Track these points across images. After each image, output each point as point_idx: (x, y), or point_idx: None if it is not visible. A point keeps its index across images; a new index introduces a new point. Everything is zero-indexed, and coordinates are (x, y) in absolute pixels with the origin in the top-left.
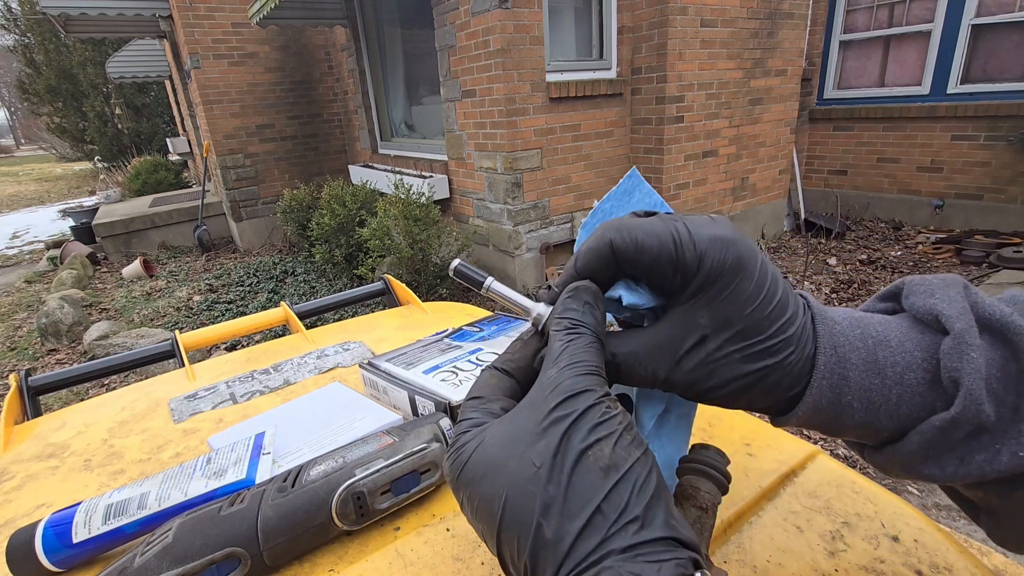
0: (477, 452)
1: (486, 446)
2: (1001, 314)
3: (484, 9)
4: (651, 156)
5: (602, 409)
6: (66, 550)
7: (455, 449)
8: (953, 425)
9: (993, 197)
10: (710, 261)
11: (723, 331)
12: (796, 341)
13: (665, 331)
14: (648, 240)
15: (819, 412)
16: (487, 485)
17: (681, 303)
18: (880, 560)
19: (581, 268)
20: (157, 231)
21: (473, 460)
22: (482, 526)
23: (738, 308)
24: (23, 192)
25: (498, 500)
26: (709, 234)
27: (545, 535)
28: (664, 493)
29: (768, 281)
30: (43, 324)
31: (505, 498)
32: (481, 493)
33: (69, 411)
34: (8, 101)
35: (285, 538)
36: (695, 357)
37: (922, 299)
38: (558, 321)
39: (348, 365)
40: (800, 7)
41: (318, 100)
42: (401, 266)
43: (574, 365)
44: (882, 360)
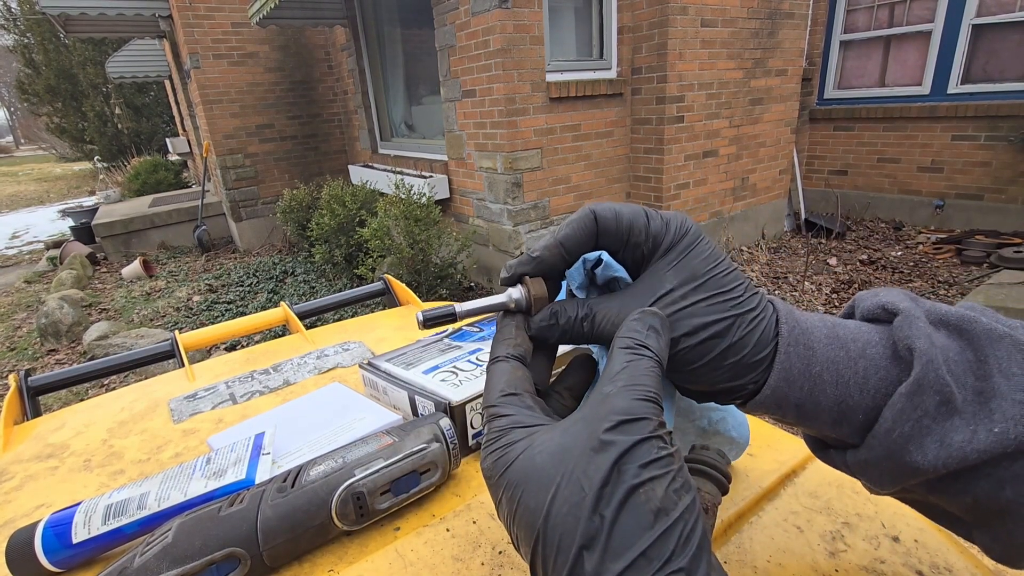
0: (525, 457)
1: (535, 453)
2: (954, 310)
3: (484, 9)
4: (651, 156)
5: (657, 445)
6: (66, 550)
7: (503, 445)
8: (919, 390)
9: (994, 197)
10: (674, 228)
11: (688, 284)
12: (757, 302)
13: (636, 288)
14: (624, 211)
15: (791, 384)
16: (532, 495)
17: (650, 266)
18: (880, 560)
19: (563, 237)
20: (157, 231)
21: (521, 463)
22: (519, 532)
23: (700, 264)
24: (23, 192)
25: (540, 514)
26: (669, 212)
27: (585, 567)
28: (706, 543)
29: (722, 254)
30: (43, 324)
31: (548, 515)
32: (525, 501)
33: (69, 411)
34: (8, 101)
35: (285, 538)
36: (663, 304)
37: (870, 300)
38: (621, 340)
39: (348, 365)
40: (800, 7)
41: (318, 100)
42: (401, 266)
43: (633, 387)
44: (843, 336)
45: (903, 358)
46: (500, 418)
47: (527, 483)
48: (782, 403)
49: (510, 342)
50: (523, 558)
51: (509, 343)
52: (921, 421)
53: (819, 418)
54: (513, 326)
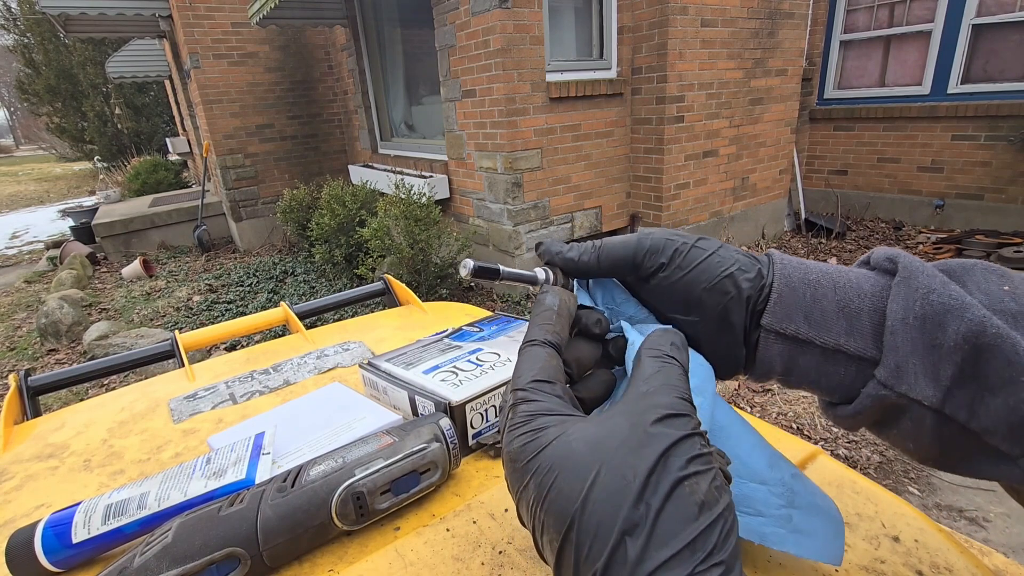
0: (559, 443)
1: (571, 440)
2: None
3: (484, 9)
4: (651, 156)
5: (700, 442)
6: (66, 550)
7: (533, 429)
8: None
9: (994, 197)
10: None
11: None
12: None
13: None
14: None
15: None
16: (567, 480)
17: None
18: (881, 560)
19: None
20: (157, 231)
21: (554, 449)
22: (548, 519)
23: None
24: (23, 192)
25: (577, 500)
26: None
27: (627, 553)
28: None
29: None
30: (43, 324)
31: (585, 500)
32: (559, 486)
33: (69, 411)
34: (8, 101)
35: (285, 538)
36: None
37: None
38: (649, 350)
39: (348, 365)
40: (800, 7)
41: (318, 100)
42: (401, 266)
43: (671, 387)
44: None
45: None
46: (529, 403)
47: (562, 469)
48: (791, 312)
49: (548, 328)
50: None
51: (547, 329)
52: (928, 297)
53: (830, 329)
54: (554, 312)
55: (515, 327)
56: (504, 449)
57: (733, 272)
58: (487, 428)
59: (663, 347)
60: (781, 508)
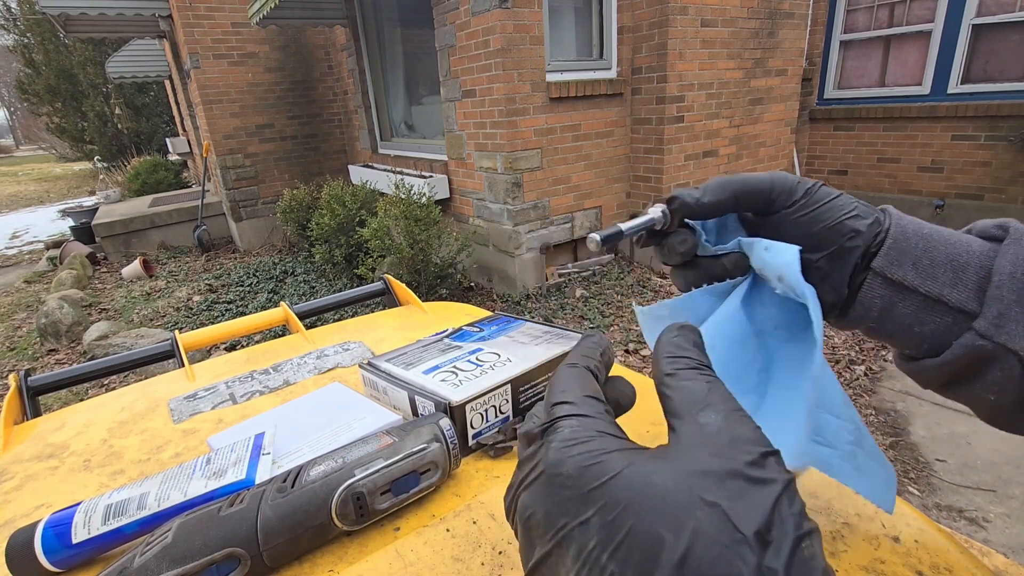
0: (634, 474)
1: (651, 474)
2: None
3: (484, 9)
4: (651, 156)
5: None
6: (65, 550)
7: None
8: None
9: (994, 197)
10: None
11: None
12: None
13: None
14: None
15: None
16: (654, 521)
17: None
18: (881, 560)
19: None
20: (157, 231)
21: (628, 479)
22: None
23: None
24: (23, 192)
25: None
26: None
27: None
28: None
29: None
30: (42, 324)
31: (688, 550)
32: (643, 527)
33: (68, 411)
34: (8, 101)
35: (285, 538)
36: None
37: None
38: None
39: (348, 365)
40: (800, 7)
41: (318, 100)
42: (401, 266)
43: (739, 412)
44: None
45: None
46: (583, 418)
47: (642, 505)
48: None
49: (593, 360)
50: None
51: (593, 360)
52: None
53: (936, 278)
54: (601, 349)
55: (515, 327)
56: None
57: (854, 215)
58: (487, 428)
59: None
60: (849, 444)
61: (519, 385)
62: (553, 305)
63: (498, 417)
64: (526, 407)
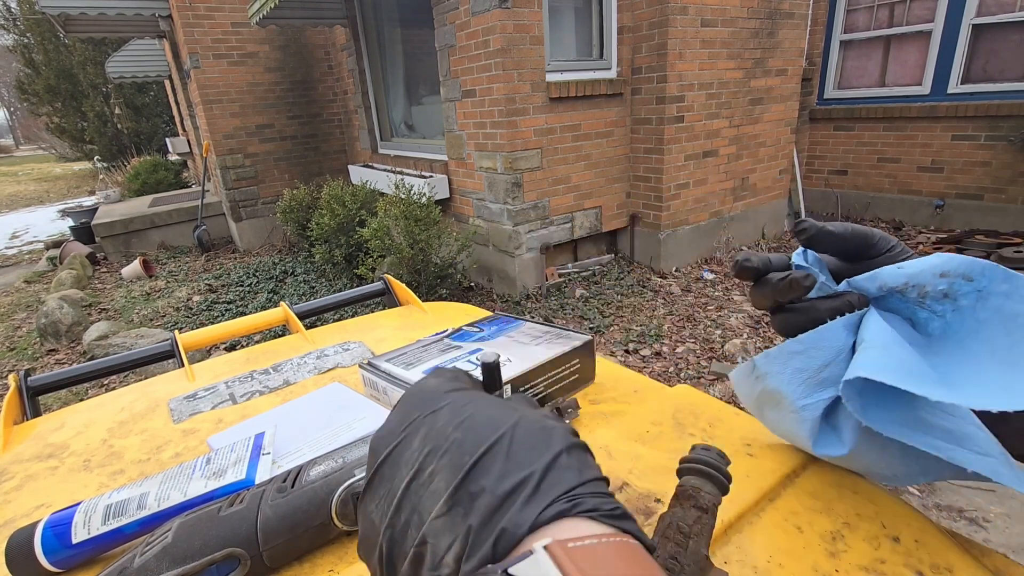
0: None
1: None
2: None
3: (484, 9)
4: (651, 156)
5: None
6: (65, 550)
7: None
8: None
9: (994, 197)
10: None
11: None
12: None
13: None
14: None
15: None
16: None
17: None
18: (881, 561)
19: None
20: (156, 231)
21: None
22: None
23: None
24: (22, 192)
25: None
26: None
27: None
28: None
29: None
30: (42, 324)
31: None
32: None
33: (68, 411)
34: (7, 101)
35: (285, 538)
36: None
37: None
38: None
39: (348, 365)
40: (800, 7)
41: (318, 100)
42: (401, 266)
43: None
44: None
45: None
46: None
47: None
48: None
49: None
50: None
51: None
52: None
53: None
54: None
55: (515, 327)
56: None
57: None
58: None
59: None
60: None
61: (519, 385)
62: (553, 305)
63: None
64: None
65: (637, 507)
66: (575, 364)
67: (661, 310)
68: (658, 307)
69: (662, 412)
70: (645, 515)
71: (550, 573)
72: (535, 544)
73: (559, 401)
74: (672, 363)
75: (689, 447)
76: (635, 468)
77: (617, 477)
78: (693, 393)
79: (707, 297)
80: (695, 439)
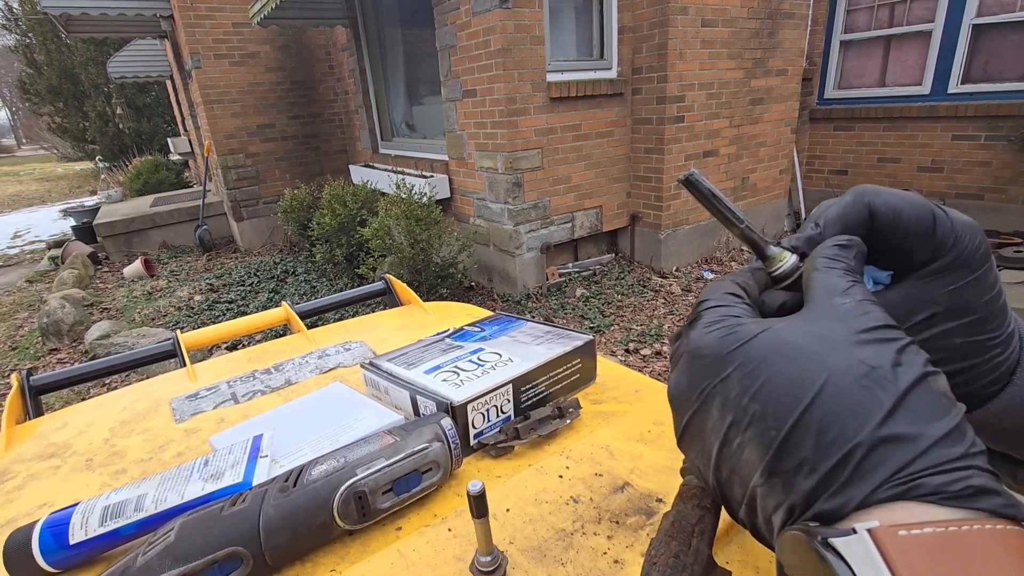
0: (769, 336)
1: (783, 334)
2: None
3: (485, 9)
4: (651, 156)
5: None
6: (63, 551)
7: (728, 325)
8: None
9: (994, 197)
10: (965, 243)
11: (957, 316)
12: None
13: (895, 299)
14: (907, 208)
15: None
16: (790, 366)
17: (918, 277)
18: None
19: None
20: (158, 231)
21: (765, 341)
22: (765, 407)
23: (978, 295)
24: (24, 192)
25: (811, 384)
26: (962, 218)
27: (895, 429)
28: None
29: (999, 281)
30: (44, 324)
31: (826, 382)
32: (781, 373)
33: (70, 411)
34: (9, 101)
35: (287, 538)
36: (920, 327)
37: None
38: (832, 260)
39: (349, 365)
40: (801, 7)
41: (319, 100)
42: (402, 266)
43: (872, 303)
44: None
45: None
46: (721, 307)
47: (783, 357)
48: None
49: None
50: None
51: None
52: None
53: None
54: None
55: (516, 327)
56: (686, 349)
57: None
58: (489, 428)
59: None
60: None
61: (520, 385)
62: (554, 305)
63: (500, 417)
64: (527, 407)
65: (639, 507)
66: (576, 364)
67: (661, 310)
68: (658, 307)
69: (663, 412)
70: (647, 515)
71: (874, 561)
72: (859, 524)
73: (560, 401)
74: None
75: None
76: (637, 468)
77: (619, 477)
78: None
79: None
80: None
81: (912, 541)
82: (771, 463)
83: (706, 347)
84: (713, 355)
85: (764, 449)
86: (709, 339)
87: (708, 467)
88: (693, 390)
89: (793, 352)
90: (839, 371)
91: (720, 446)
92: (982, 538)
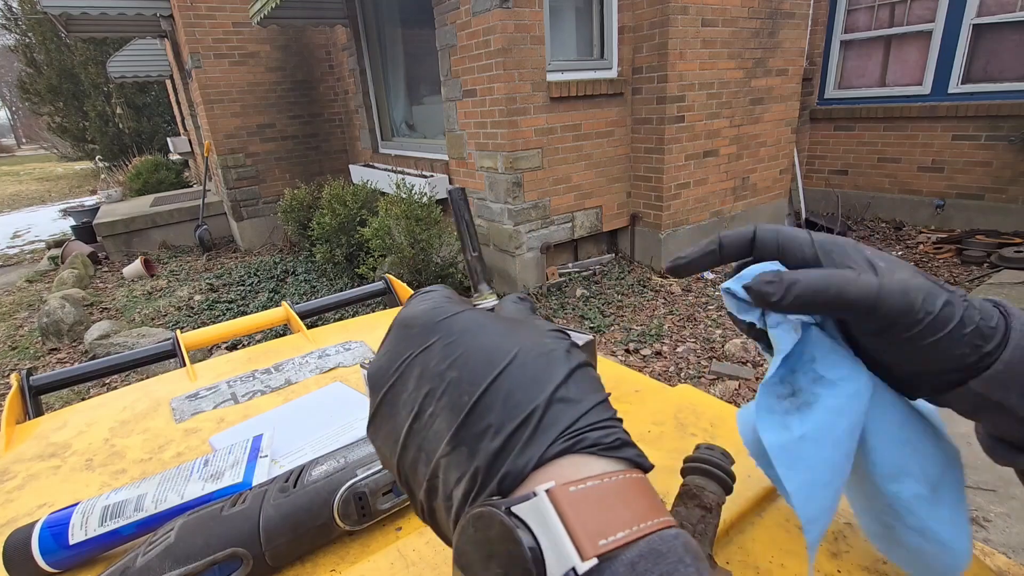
0: (472, 313)
1: (483, 314)
2: None
3: (485, 9)
4: (652, 156)
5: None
6: (62, 551)
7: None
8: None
9: (994, 197)
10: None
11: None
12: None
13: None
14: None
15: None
16: (489, 339)
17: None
18: (882, 561)
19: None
20: (158, 230)
21: (467, 316)
22: (462, 373)
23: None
24: (24, 191)
25: (504, 355)
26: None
27: (566, 394)
28: None
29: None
30: (44, 323)
31: (516, 355)
32: (480, 343)
33: (70, 411)
34: (9, 101)
35: (287, 538)
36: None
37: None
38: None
39: (349, 365)
40: (801, 7)
41: (319, 100)
42: (402, 266)
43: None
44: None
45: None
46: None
47: (481, 330)
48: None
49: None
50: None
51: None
52: None
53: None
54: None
55: None
56: (395, 323)
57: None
58: None
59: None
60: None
61: None
62: (553, 305)
63: None
64: None
65: None
66: None
67: (661, 310)
68: (658, 307)
69: (663, 412)
70: None
71: (551, 520)
72: (538, 487)
73: None
74: (673, 363)
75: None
76: None
77: None
78: (694, 393)
79: (707, 297)
80: (697, 439)
81: (580, 495)
82: (460, 429)
83: (416, 317)
84: (422, 325)
85: (455, 416)
86: (420, 310)
87: (395, 449)
88: (392, 363)
89: (492, 328)
90: (527, 348)
91: (412, 420)
92: (625, 485)
